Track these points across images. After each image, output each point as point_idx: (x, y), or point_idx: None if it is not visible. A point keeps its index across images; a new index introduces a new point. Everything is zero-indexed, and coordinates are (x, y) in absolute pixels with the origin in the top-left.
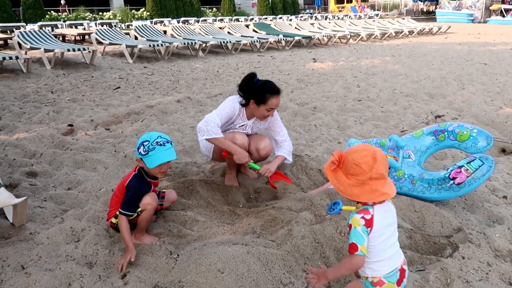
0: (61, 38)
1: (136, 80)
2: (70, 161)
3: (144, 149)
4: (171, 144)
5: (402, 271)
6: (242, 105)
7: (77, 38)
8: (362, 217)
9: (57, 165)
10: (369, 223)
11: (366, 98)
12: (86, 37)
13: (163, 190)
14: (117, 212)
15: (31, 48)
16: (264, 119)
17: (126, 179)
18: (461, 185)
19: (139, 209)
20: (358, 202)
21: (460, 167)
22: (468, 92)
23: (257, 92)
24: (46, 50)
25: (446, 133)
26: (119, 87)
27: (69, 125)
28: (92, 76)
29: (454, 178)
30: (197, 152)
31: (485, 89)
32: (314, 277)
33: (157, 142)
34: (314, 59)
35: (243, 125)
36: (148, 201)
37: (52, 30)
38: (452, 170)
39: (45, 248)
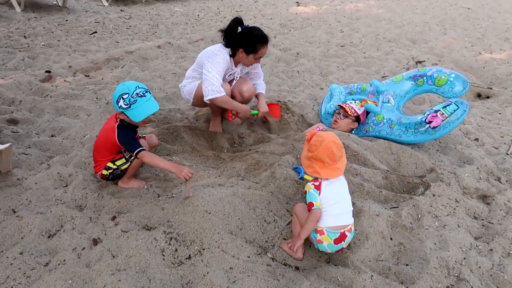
0: None
1: (113, 24)
2: (51, 108)
3: (125, 103)
4: (150, 93)
5: (343, 234)
6: (231, 55)
7: None
8: (313, 184)
9: (38, 113)
10: (317, 187)
11: (349, 44)
12: None
13: (143, 135)
14: (109, 165)
15: None
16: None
17: (109, 131)
18: (436, 129)
19: (132, 158)
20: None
21: (436, 111)
22: (449, 37)
23: (246, 41)
24: None
25: (425, 77)
26: (95, 32)
27: (47, 71)
28: (67, 20)
29: (430, 122)
30: (180, 99)
31: (467, 34)
32: (290, 243)
33: (137, 93)
34: (297, 2)
35: (232, 73)
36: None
37: None
38: (428, 114)
39: (34, 193)
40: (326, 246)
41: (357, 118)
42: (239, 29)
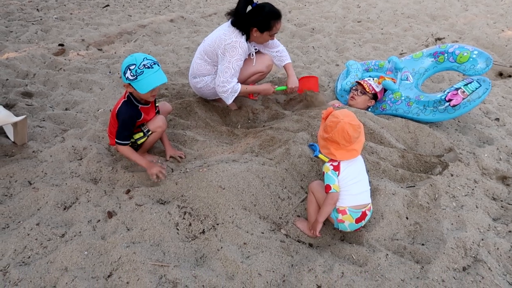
0: None
1: None
2: (64, 81)
3: (132, 74)
4: (158, 65)
5: (364, 213)
6: (247, 39)
7: None
8: (331, 164)
9: (51, 86)
10: (336, 168)
11: (366, 19)
12: None
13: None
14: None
15: None
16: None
17: (116, 105)
18: (456, 107)
19: (150, 132)
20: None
21: (457, 89)
22: (471, 13)
23: (259, 19)
24: None
25: (446, 54)
26: (108, 5)
27: (60, 44)
28: None
29: (450, 100)
30: None
31: (489, 11)
32: (310, 228)
33: (144, 65)
34: None
35: (249, 53)
36: (159, 124)
37: None
38: (448, 92)
39: (49, 166)
40: (347, 226)
41: (375, 96)
42: (249, 7)
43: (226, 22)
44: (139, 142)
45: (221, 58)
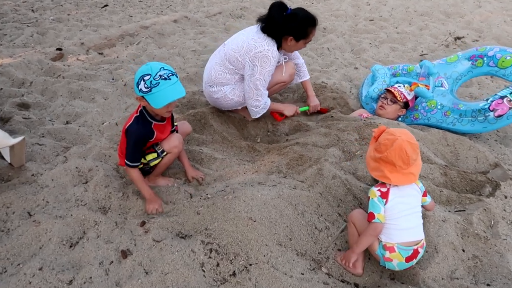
0: None
1: None
2: (64, 90)
3: (146, 85)
4: (177, 76)
5: (415, 251)
6: (278, 47)
7: None
8: (379, 190)
9: (50, 95)
10: (384, 195)
11: (379, 18)
12: None
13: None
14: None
15: None
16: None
17: (128, 121)
18: (500, 118)
19: (164, 153)
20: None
21: (502, 97)
22: (485, 10)
23: (295, 27)
24: None
25: (485, 58)
26: (107, 5)
27: (58, 49)
28: None
29: (494, 110)
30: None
31: (503, 7)
32: (343, 259)
33: (160, 75)
34: None
35: (278, 61)
36: (175, 144)
37: None
38: (492, 101)
39: (51, 192)
40: (395, 265)
41: (406, 104)
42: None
43: (252, 26)
44: (151, 164)
45: (249, 67)
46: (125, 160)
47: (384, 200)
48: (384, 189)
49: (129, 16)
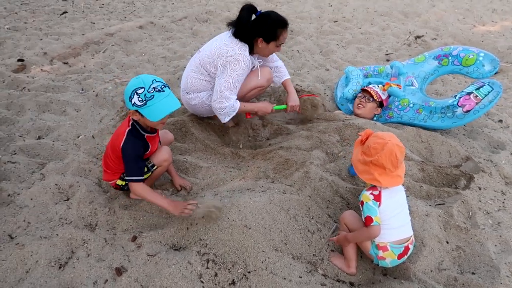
0: None
1: (84, 2)
2: (32, 104)
3: (141, 99)
4: (169, 87)
5: (406, 248)
6: (250, 51)
7: None
8: (371, 193)
9: (17, 110)
10: (377, 198)
11: (342, 19)
12: None
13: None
14: (123, 176)
15: None
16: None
17: (119, 136)
18: (468, 113)
19: (154, 167)
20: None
21: (468, 93)
22: (439, 9)
23: (264, 28)
24: None
25: (450, 57)
26: (66, 12)
27: (19, 59)
28: None
29: (463, 105)
30: (176, 86)
31: (454, 6)
32: (337, 241)
33: (154, 88)
34: None
35: (252, 66)
36: (165, 157)
37: None
38: (460, 97)
39: (31, 212)
40: (388, 262)
41: (381, 103)
42: (253, 16)
43: (225, 32)
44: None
45: (220, 71)
46: (129, 178)
47: (378, 203)
48: (376, 192)
49: (91, 23)
